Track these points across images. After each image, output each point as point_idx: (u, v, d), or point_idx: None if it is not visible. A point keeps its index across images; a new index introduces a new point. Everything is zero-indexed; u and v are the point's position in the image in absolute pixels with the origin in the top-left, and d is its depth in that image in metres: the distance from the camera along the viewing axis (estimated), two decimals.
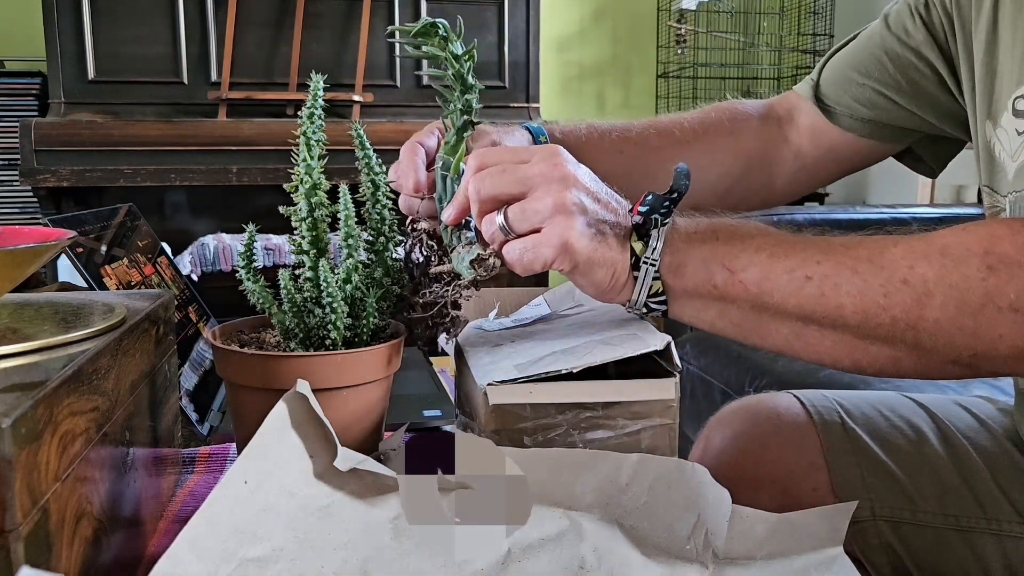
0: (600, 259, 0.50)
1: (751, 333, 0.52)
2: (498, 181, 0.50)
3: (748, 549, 0.47)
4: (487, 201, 0.51)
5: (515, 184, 0.50)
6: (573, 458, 0.50)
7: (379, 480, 0.49)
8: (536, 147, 0.53)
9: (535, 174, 0.49)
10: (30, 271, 0.46)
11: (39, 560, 0.35)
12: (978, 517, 0.62)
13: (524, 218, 0.50)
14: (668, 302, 0.52)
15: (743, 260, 0.50)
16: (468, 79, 0.56)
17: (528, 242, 0.50)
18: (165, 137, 2.06)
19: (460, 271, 0.53)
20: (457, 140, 0.56)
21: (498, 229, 0.51)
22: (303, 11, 2.16)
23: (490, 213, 0.51)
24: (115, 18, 2.10)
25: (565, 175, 0.49)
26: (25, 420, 0.33)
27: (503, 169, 0.50)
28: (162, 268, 0.93)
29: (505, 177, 0.50)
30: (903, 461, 0.64)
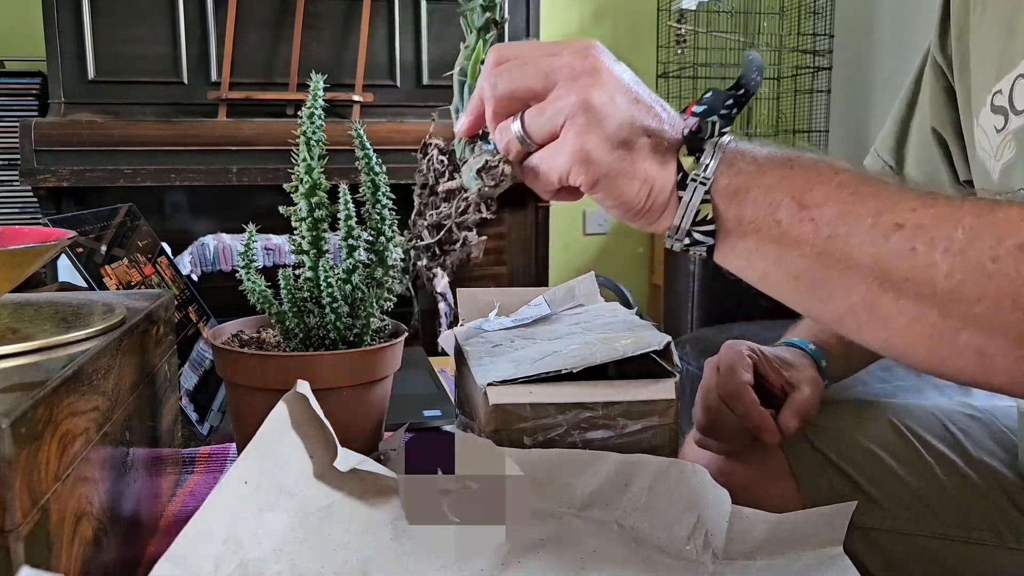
0: (630, 171, 0.41)
1: (810, 292, 0.41)
2: (516, 74, 0.42)
3: (748, 549, 0.47)
4: (503, 100, 0.43)
5: (536, 78, 0.42)
6: (573, 458, 0.50)
7: (379, 480, 0.49)
8: (565, 41, 0.44)
9: (561, 66, 0.41)
10: (30, 271, 0.46)
11: (39, 560, 0.35)
12: (948, 525, 0.61)
13: (541, 120, 0.42)
14: (716, 235, 0.43)
15: (818, 194, 0.40)
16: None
17: (546, 150, 0.42)
18: (165, 137, 2.05)
19: (468, 184, 0.46)
20: (477, 42, 0.51)
21: (514, 137, 0.43)
22: (303, 11, 2.16)
23: (507, 119, 0.44)
24: (115, 18, 2.10)
25: (596, 67, 0.41)
26: (25, 420, 0.33)
27: (524, 62, 0.42)
28: (162, 268, 0.93)
29: (525, 70, 0.42)
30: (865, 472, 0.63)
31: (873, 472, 0.63)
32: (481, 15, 0.50)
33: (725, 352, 0.67)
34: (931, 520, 0.61)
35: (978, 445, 0.64)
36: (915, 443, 0.64)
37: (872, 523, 0.61)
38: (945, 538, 0.61)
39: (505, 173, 0.44)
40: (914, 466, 0.63)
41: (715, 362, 0.67)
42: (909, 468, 0.63)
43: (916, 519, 0.61)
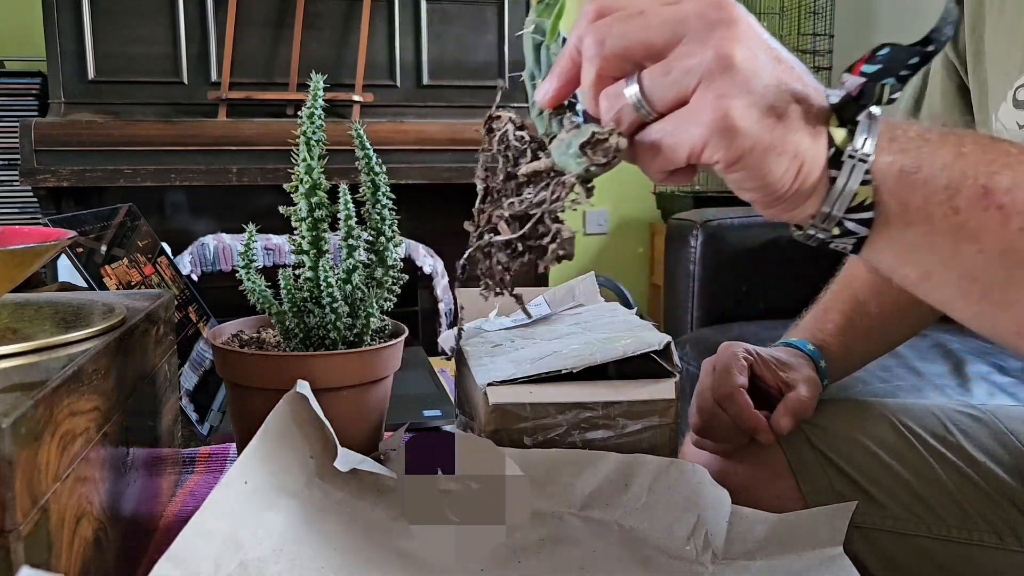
0: (779, 145, 0.34)
1: (985, 296, 0.35)
2: (630, 27, 0.34)
3: (748, 549, 0.47)
4: (611, 59, 0.35)
5: (657, 30, 0.34)
6: (573, 458, 0.50)
7: (379, 481, 0.49)
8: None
9: (688, 15, 0.33)
10: (30, 271, 0.46)
11: (39, 560, 0.35)
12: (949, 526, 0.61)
13: (667, 81, 0.33)
14: (874, 224, 0.35)
15: (1005, 178, 0.34)
16: None
17: (671, 119, 0.34)
18: (165, 137, 2.06)
19: (564, 164, 0.37)
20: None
21: (628, 104, 0.34)
22: (303, 11, 2.16)
23: (615, 83, 0.35)
24: (115, 18, 2.10)
25: (733, 17, 0.33)
26: (25, 420, 0.33)
27: (638, 11, 0.34)
28: (162, 268, 0.93)
29: (641, 21, 0.34)
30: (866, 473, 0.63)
31: (873, 472, 0.63)
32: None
33: (720, 353, 0.67)
34: (932, 520, 0.61)
35: (979, 446, 0.64)
36: (915, 443, 0.64)
37: (872, 523, 0.61)
38: (946, 539, 0.61)
39: (620, 148, 0.35)
40: (914, 466, 0.63)
41: (711, 363, 0.67)
42: (909, 468, 0.63)
43: (917, 519, 0.61)
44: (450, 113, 2.26)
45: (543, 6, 0.41)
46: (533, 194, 0.37)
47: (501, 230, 0.38)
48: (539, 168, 0.38)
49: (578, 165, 0.36)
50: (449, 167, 2.19)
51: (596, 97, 0.36)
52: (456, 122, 2.23)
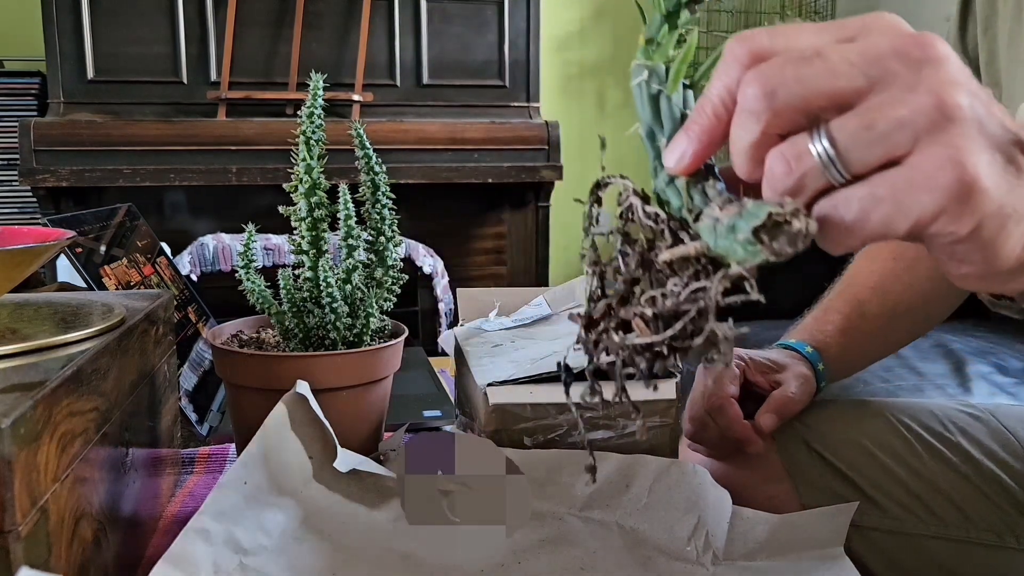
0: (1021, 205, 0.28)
1: None
2: (809, 72, 0.28)
3: (749, 550, 0.47)
4: (785, 113, 0.28)
5: (846, 75, 0.27)
6: (573, 459, 0.50)
7: (379, 481, 0.49)
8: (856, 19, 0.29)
9: (883, 53, 0.27)
10: (29, 271, 0.46)
11: (38, 560, 0.34)
12: (948, 525, 0.61)
13: (875, 136, 0.27)
14: None
15: None
16: None
17: (883, 184, 0.27)
18: (164, 137, 2.05)
19: (727, 250, 0.29)
20: (669, 31, 0.34)
21: (816, 165, 0.28)
22: (303, 10, 2.16)
23: (789, 139, 0.29)
24: (114, 18, 2.10)
25: (940, 55, 0.27)
26: (24, 420, 0.33)
27: (816, 51, 0.28)
28: (161, 268, 0.93)
29: (822, 65, 0.28)
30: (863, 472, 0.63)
31: (871, 472, 0.63)
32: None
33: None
34: (931, 520, 0.61)
35: (977, 445, 0.64)
36: (913, 442, 0.64)
37: (871, 523, 0.61)
38: (945, 538, 0.61)
39: (809, 232, 0.27)
40: (913, 466, 0.63)
41: (703, 371, 0.67)
42: (908, 468, 0.63)
43: (916, 519, 0.61)
44: (450, 112, 2.26)
45: (655, 47, 0.34)
46: (681, 286, 0.30)
47: (637, 328, 0.31)
48: (688, 254, 0.30)
49: (751, 254, 0.28)
50: (449, 167, 2.19)
51: (757, 159, 0.29)
52: (456, 121, 2.23)
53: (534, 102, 2.36)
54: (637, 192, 0.33)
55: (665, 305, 0.30)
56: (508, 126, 2.25)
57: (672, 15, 0.33)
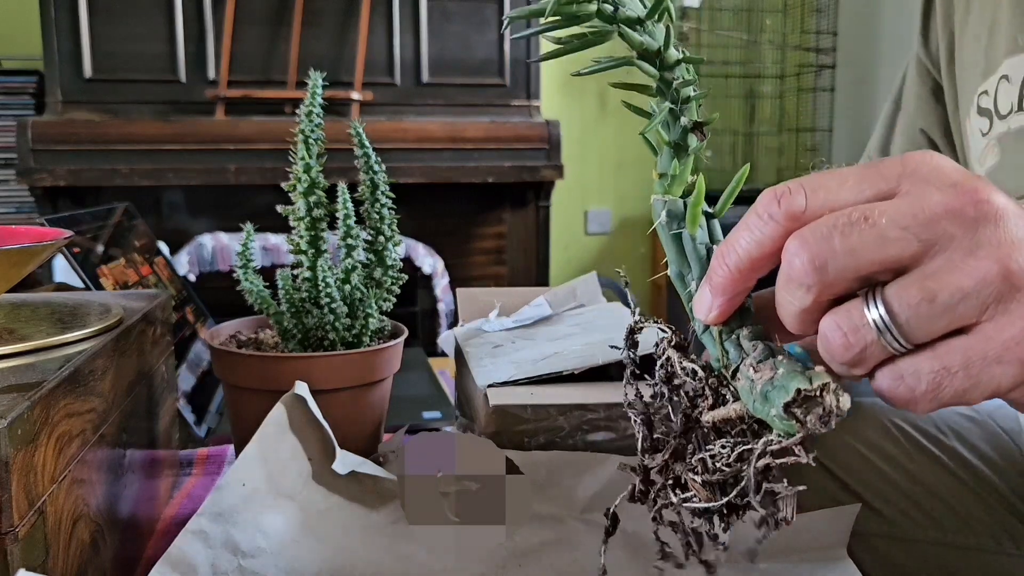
0: None
1: None
2: (859, 242, 0.26)
3: (750, 552, 0.46)
4: (837, 284, 0.27)
5: (899, 242, 0.26)
6: (574, 461, 0.49)
7: (378, 483, 0.49)
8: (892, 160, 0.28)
9: (935, 214, 0.26)
10: (26, 271, 0.46)
11: (36, 562, 0.34)
12: (945, 530, 0.60)
13: (938, 308, 0.26)
14: None
15: None
16: (668, 50, 0.32)
17: (954, 357, 0.26)
18: (162, 136, 2.05)
19: (766, 419, 0.28)
20: (680, 164, 0.32)
21: (875, 336, 0.27)
22: (302, 8, 2.16)
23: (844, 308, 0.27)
24: (112, 16, 2.10)
25: (996, 209, 0.26)
26: (21, 421, 0.33)
27: (863, 216, 0.26)
28: (159, 268, 0.93)
29: (873, 232, 0.26)
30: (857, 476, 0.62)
31: (868, 476, 0.62)
32: (674, 123, 0.32)
33: None
34: (929, 525, 0.61)
35: (972, 448, 0.64)
36: (909, 447, 0.64)
37: (868, 528, 0.61)
38: (943, 543, 0.60)
39: (842, 411, 0.26)
40: (909, 470, 0.62)
41: None
42: (904, 472, 0.62)
43: (913, 524, 0.61)
44: (450, 111, 2.26)
45: (668, 180, 0.32)
46: (729, 447, 0.29)
47: (692, 487, 0.30)
48: (729, 417, 0.30)
49: (787, 428, 0.27)
50: (449, 166, 2.19)
51: (809, 321, 0.28)
52: (456, 120, 2.22)
53: (534, 101, 2.35)
54: (671, 343, 0.32)
55: (716, 466, 0.29)
56: (508, 125, 2.25)
57: (679, 145, 0.32)
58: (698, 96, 0.32)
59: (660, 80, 0.32)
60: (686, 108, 0.32)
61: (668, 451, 0.31)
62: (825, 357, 0.28)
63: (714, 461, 0.29)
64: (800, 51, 2.95)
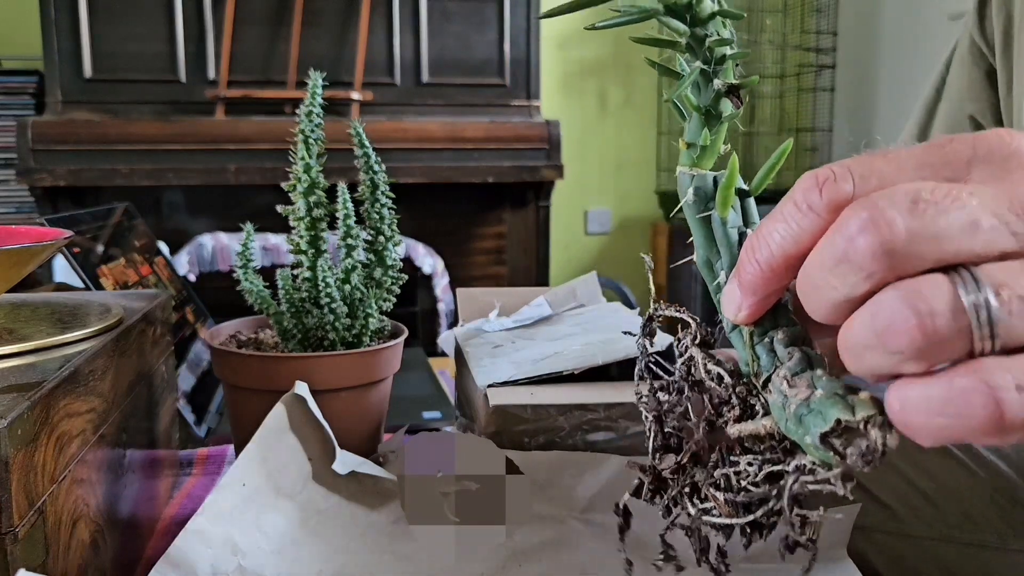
0: None
1: None
2: (947, 224, 0.21)
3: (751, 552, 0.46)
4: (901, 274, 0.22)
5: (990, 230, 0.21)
6: (574, 461, 0.49)
7: (378, 483, 0.49)
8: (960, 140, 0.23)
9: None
10: (26, 271, 0.46)
11: (35, 563, 0.34)
12: (952, 527, 0.60)
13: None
14: None
15: None
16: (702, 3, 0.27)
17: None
18: (162, 136, 2.05)
19: (800, 443, 0.25)
20: (711, 133, 0.28)
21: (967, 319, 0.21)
22: (302, 8, 2.16)
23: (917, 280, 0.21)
24: (112, 16, 2.10)
25: None
26: (21, 421, 0.33)
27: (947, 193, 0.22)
28: (159, 268, 0.93)
29: (962, 212, 0.21)
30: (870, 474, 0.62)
31: (880, 472, 0.62)
32: (706, 86, 0.28)
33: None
34: (935, 521, 0.61)
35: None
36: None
37: (876, 525, 0.61)
38: (949, 540, 0.60)
39: (888, 448, 0.22)
40: (918, 462, 0.62)
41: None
42: (913, 465, 0.62)
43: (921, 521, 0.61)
44: (450, 111, 2.26)
45: (696, 151, 0.28)
46: (757, 465, 0.26)
47: (713, 501, 0.27)
48: (758, 433, 0.26)
49: (824, 459, 0.24)
50: (449, 166, 2.19)
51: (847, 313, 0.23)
52: (456, 120, 2.22)
53: (535, 100, 2.35)
54: (696, 341, 0.29)
55: (741, 485, 0.27)
56: (508, 125, 2.25)
57: (712, 111, 0.27)
58: (735, 55, 0.28)
59: (691, 37, 0.27)
60: (720, 69, 0.27)
61: (686, 455, 0.28)
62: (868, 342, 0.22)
63: (739, 479, 0.26)
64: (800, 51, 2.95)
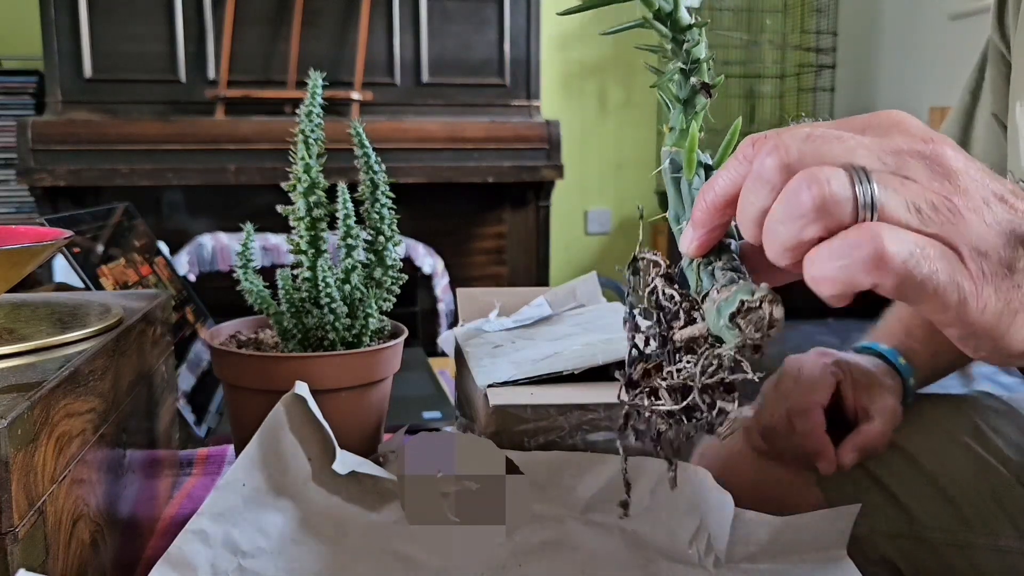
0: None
1: None
2: (829, 150, 0.29)
3: (751, 553, 0.46)
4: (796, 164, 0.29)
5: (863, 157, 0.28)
6: (574, 461, 0.49)
7: (378, 483, 0.49)
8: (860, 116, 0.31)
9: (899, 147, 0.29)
10: (26, 271, 0.46)
11: (36, 562, 0.34)
12: (978, 532, 0.60)
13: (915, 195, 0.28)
14: None
15: None
16: (680, 12, 0.35)
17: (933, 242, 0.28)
18: (162, 136, 2.05)
19: (721, 333, 0.31)
20: (686, 120, 0.36)
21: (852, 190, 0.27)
22: (301, 8, 2.15)
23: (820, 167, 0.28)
24: (112, 16, 2.10)
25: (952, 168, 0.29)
26: (21, 421, 0.33)
27: (835, 135, 0.29)
28: (159, 268, 0.93)
29: (842, 144, 0.29)
30: (895, 475, 0.62)
31: (902, 473, 0.61)
32: (684, 82, 0.36)
33: (811, 360, 0.61)
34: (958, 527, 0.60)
35: (1008, 441, 0.62)
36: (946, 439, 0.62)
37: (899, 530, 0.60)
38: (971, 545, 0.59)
39: (776, 318, 0.29)
40: (945, 465, 0.61)
41: (797, 366, 0.61)
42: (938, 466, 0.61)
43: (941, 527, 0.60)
44: (450, 111, 2.26)
45: (676, 134, 0.36)
46: (694, 363, 0.32)
47: (663, 397, 0.34)
48: (694, 335, 0.33)
49: (733, 337, 0.30)
50: (449, 166, 2.19)
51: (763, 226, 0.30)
52: (456, 120, 2.22)
53: (535, 101, 2.35)
54: (659, 268, 0.35)
55: (680, 378, 0.33)
56: (508, 125, 2.25)
57: (688, 102, 0.36)
58: (707, 58, 0.36)
59: (673, 41, 0.35)
60: (696, 69, 0.36)
61: (651, 363, 0.34)
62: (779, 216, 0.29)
63: (680, 373, 0.33)
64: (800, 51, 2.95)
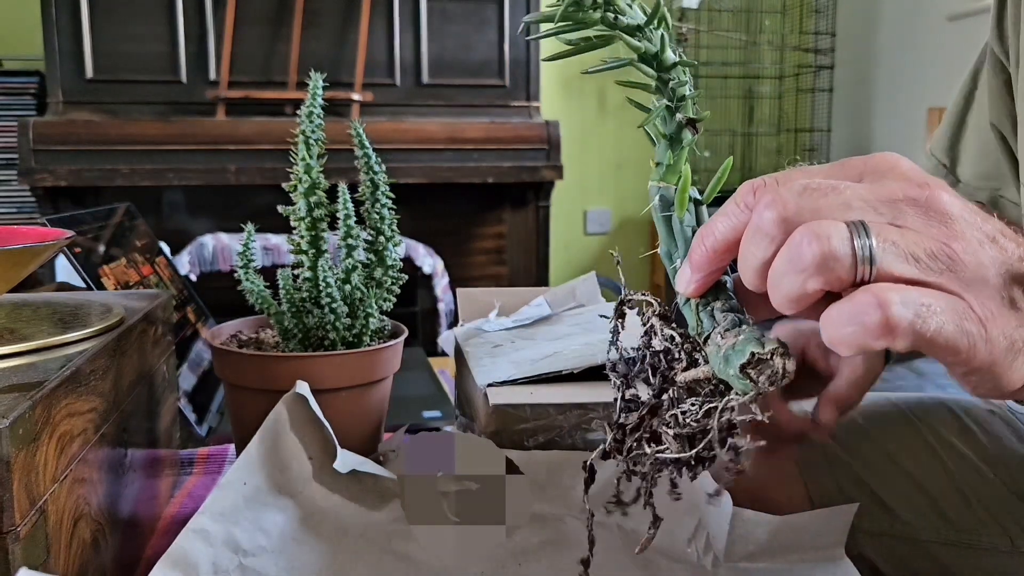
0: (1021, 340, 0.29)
1: None
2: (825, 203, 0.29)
3: (750, 552, 0.46)
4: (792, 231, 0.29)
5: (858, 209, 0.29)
6: (574, 460, 0.50)
7: (378, 482, 0.49)
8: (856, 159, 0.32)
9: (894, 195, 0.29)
10: (28, 271, 0.46)
11: (37, 561, 0.34)
12: (960, 531, 0.60)
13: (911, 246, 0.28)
14: None
15: None
16: (666, 53, 0.35)
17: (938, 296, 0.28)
18: (163, 136, 2.05)
19: (729, 380, 0.31)
20: (674, 155, 0.36)
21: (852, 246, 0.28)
22: (302, 9, 2.16)
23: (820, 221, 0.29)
24: (113, 17, 2.10)
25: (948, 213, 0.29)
26: (23, 421, 0.33)
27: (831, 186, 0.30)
28: (160, 268, 0.93)
29: (838, 197, 0.29)
30: (877, 474, 0.62)
31: (885, 472, 0.62)
32: (670, 118, 0.36)
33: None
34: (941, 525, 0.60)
35: (996, 441, 0.63)
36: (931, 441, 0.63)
37: (881, 528, 0.61)
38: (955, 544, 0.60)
39: (788, 372, 0.29)
40: (926, 464, 0.61)
41: None
42: (920, 465, 0.61)
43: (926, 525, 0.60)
44: (450, 112, 2.26)
45: (663, 169, 0.36)
46: (698, 406, 0.32)
47: (667, 442, 0.33)
48: (698, 378, 0.33)
49: (744, 387, 0.30)
50: (449, 166, 2.19)
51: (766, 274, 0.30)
52: (456, 121, 2.22)
53: (534, 101, 2.35)
54: (657, 313, 0.35)
55: (686, 422, 0.32)
56: (508, 125, 2.25)
57: (674, 138, 0.36)
58: (692, 96, 0.36)
59: (658, 80, 0.36)
60: (681, 106, 0.36)
61: (646, 408, 0.34)
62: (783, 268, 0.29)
63: (685, 417, 0.32)
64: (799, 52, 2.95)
